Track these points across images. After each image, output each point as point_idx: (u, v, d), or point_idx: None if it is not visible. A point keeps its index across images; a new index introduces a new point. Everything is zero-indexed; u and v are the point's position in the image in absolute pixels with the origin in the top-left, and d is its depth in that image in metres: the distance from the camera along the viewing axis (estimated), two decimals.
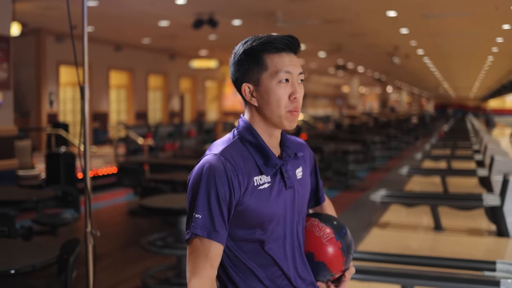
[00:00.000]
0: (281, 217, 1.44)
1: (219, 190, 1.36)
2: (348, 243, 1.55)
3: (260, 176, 1.42)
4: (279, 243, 1.44)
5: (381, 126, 21.57)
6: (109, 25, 13.29)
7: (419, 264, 3.88)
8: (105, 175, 9.84)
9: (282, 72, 1.41)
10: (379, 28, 13.81)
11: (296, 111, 1.44)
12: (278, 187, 1.44)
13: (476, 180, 9.52)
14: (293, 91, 1.43)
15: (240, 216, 1.40)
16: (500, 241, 5.85)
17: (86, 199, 2.44)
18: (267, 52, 1.42)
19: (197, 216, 1.36)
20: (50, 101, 14.44)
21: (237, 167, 1.39)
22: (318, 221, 1.56)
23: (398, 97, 47.26)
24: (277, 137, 1.50)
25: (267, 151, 1.44)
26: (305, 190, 1.55)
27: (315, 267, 1.53)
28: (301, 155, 1.57)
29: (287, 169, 1.47)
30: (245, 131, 1.46)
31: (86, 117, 2.55)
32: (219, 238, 1.36)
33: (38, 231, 5.29)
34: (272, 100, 1.42)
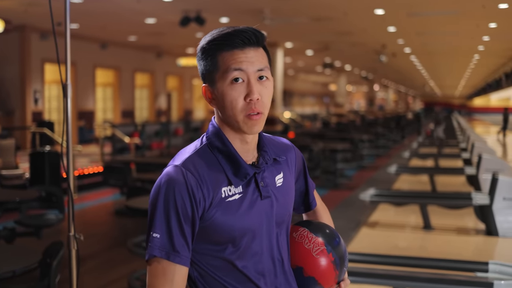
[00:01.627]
0: (256, 231, 1.29)
1: (179, 206, 1.21)
2: (341, 254, 1.40)
3: (229, 187, 1.27)
4: (255, 259, 1.29)
5: (368, 124, 21.60)
6: (94, 22, 13.13)
7: (411, 265, 3.83)
8: (90, 174, 9.70)
9: (232, 70, 1.24)
10: (367, 26, 13.80)
11: (256, 115, 1.26)
12: (252, 198, 1.29)
13: (463, 178, 9.53)
14: (248, 92, 1.25)
15: (208, 232, 1.25)
16: (489, 240, 5.84)
17: (69, 201, 2.34)
18: (220, 50, 1.26)
19: (155, 235, 1.22)
20: (35, 99, 14.25)
21: (201, 179, 1.24)
22: (308, 231, 1.40)
23: (384, 95, 47.43)
24: (251, 141, 1.33)
25: (237, 159, 1.29)
26: (287, 198, 1.38)
27: (304, 283, 1.38)
28: (283, 159, 1.40)
29: (263, 176, 1.32)
30: (214, 137, 1.31)
31: (69, 116, 2.45)
32: (180, 259, 1.22)
33: (21, 233, 5.18)
34: (227, 103, 1.26)
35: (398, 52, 19.74)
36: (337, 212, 7.55)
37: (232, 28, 1.27)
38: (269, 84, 1.29)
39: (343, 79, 29.63)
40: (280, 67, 17.99)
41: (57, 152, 7.85)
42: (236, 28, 1.27)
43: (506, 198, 5.91)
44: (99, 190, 9.24)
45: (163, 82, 21.00)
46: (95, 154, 12.47)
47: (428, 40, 16.54)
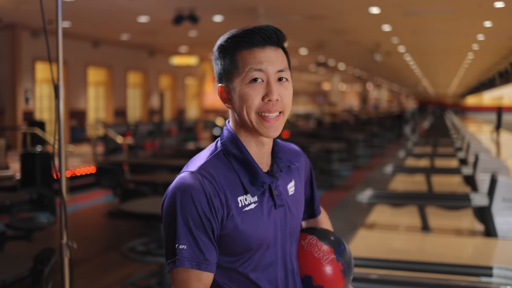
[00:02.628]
0: (271, 241, 1.26)
1: (200, 212, 1.16)
2: (348, 262, 1.39)
3: (245, 196, 1.22)
4: (269, 270, 1.26)
5: (362, 124, 21.56)
6: (86, 20, 12.98)
7: (413, 270, 3.74)
8: (83, 175, 9.56)
9: (252, 70, 1.21)
10: (362, 25, 13.73)
11: (272, 118, 1.22)
12: (267, 207, 1.25)
13: (460, 178, 9.48)
14: (267, 92, 1.21)
15: (225, 242, 1.21)
16: (489, 241, 5.76)
17: (62, 208, 2.23)
18: (239, 49, 1.23)
19: (182, 247, 1.16)
20: (26, 98, 14.07)
21: (218, 186, 1.19)
22: (317, 239, 1.37)
23: (378, 95, 47.45)
24: (268, 146, 1.29)
25: (254, 167, 1.24)
26: (299, 207, 1.36)
27: None
28: (295, 167, 1.37)
29: (277, 185, 1.28)
30: (229, 143, 1.26)
31: (61, 117, 2.33)
32: (210, 267, 1.18)
33: (11, 236, 5.05)
34: (243, 103, 1.22)
35: (392, 50, 19.69)
36: (334, 213, 7.46)
37: (252, 27, 1.24)
38: (289, 85, 1.25)
39: (336, 78, 29.58)
40: None
41: (48, 152, 7.71)
42: (257, 26, 1.24)
43: (506, 199, 5.84)
44: (92, 191, 9.10)
45: (156, 81, 20.85)
46: (87, 154, 12.32)
47: (423, 39, 16.49)
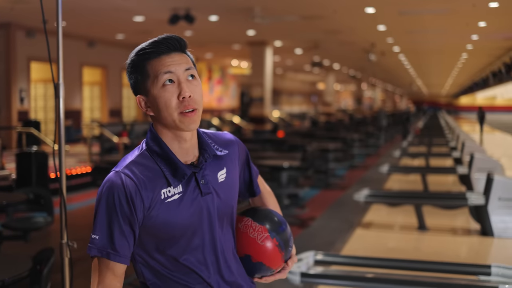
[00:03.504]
0: (197, 227, 1.38)
1: (118, 209, 1.31)
2: (285, 238, 1.49)
3: (168, 188, 1.35)
4: (197, 252, 1.39)
5: (357, 123, 21.59)
6: (81, 20, 12.93)
7: (411, 269, 3.76)
8: (79, 175, 9.53)
9: (162, 74, 1.34)
10: (357, 25, 13.75)
11: (189, 112, 1.34)
12: (192, 196, 1.37)
13: (455, 178, 9.52)
14: (180, 91, 1.34)
15: (151, 231, 1.34)
16: (485, 240, 5.79)
17: (61, 208, 2.22)
18: (148, 60, 1.37)
19: (94, 236, 1.32)
20: (21, 98, 14.01)
21: (139, 182, 1.32)
22: (252, 220, 1.49)
23: (372, 94, 47.53)
24: (190, 141, 1.41)
25: (174, 161, 1.37)
26: (231, 192, 1.47)
27: (254, 268, 1.49)
28: (224, 154, 1.47)
29: (204, 174, 1.40)
30: (152, 142, 1.40)
31: (61, 116, 2.33)
32: (119, 258, 1.32)
33: (8, 236, 5.03)
34: (161, 106, 1.35)
35: (387, 51, 19.73)
36: (330, 212, 7.47)
37: (157, 38, 1.38)
38: (198, 83, 1.38)
39: (331, 78, 29.60)
40: (269, 66, 17.90)
41: (44, 152, 7.68)
42: (160, 36, 1.38)
43: (502, 198, 5.87)
44: (88, 191, 9.07)
45: None
46: (83, 154, 12.28)
47: (417, 39, 16.54)
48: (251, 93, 18.15)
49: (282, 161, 7.20)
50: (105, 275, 1.33)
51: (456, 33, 15.13)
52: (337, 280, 3.41)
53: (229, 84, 28.61)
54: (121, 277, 1.35)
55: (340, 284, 3.50)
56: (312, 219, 6.96)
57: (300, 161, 7.35)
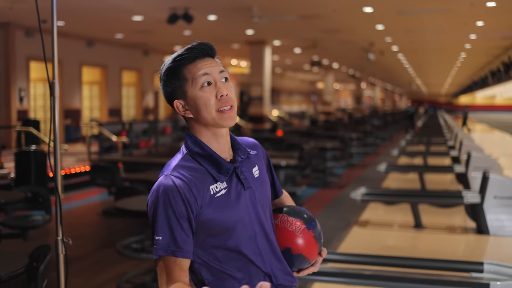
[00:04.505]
0: (246, 218, 1.47)
1: (175, 208, 1.39)
2: (319, 231, 1.60)
3: (216, 184, 1.45)
4: (251, 242, 1.48)
5: (356, 122, 21.62)
6: (80, 19, 12.96)
7: (405, 266, 3.79)
8: (77, 174, 9.56)
9: (200, 76, 1.46)
10: (355, 24, 13.78)
11: (227, 110, 1.46)
12: (236, 190, 1.48)
13: (452, 176, 9.55)
14: (218, 91, 1.46)
15: (205, 226, 1.43)
16: (480, 238, 5.82)
17: (57, 205, 2.26)
18: (184, 65, 1.47)
19: (158, 238, 1.39)
20: (20, 97, 14.04)
21: (189, 182, 1.42)
22: (287, 216, 1.59)
23: (371, 93, 47.55)
24: (226, 140, 1.53)
25: (216, 158, 1.48)
26: (265, 187, 1.58)
27: (294, 260, 1.57)
28: (254, 154, 1.59)
29: (242, 170, 1.51)
30: (192, 145, 1.50)
31: (56, 115, 2.36)
32: (183, 253, 1.39)
33: (7, 234, 5.06)
34: (201, 105, 1.46)
35: (386, 50, 19.76)
36: (327, 211, 7.51)
37: (190, 45, 1.49)
38: (231, 85, 1.52)
39: (330, 77, 29.63)
40: (268, 65, 17.92)
41: (43, 151, 7.72)
42: (194, 43, 1.50)
43: (497, 197, 5.90)
44: (86, 189, 9.11)
45: (151, 80, 20.83)
46: (81, 153, 12.32)
47: (416, 38, 16.57)
48: (250, 92, 18.18)
49: (280, 160, 7.23)
50: (173, 272, 1.39)
51: (454, 33, 15.16)
52: (331, 277, 3.45)
53: None
54: (187, 272, 1.42)
55: (335, 281, 3.53)
56: None
57: (297, 159, 7.39)
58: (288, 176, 7.49)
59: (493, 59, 23.18)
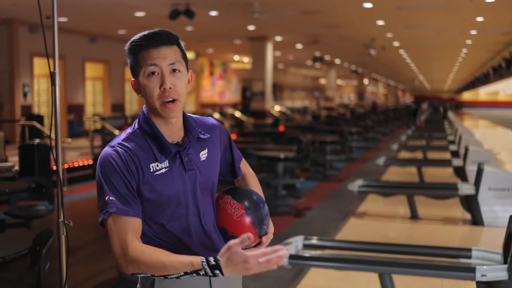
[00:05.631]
0: (182, 198, 1.55)
1: (118, 172, 1.48)
2: (260, 217, 1.63)
3: (156, 162, 1.53)
4: (181, 220, 1.56)
5: (357, 118, 21.71)
6: (83, 15, 13.09)
7: (396, 252, 3.90)
8: (80, 167, 9.70)
9: (147, 66, 1.53)
10: (356, 20, 13.86)
11: (169, 103, 1.52)
12: (178, 171, 1.55)
13: (451, 170, 9.64)
14: (162, 82, 1.52)
15: (142, 198, 1.51)
16: (474, 229, 5.93)
17: (58, 187, 2.38)
18: (139, 51, 1.55)
19: (111, 198, 1.46)
20: (24, 93, 14.18)
21: (132, 154, 1.51)
22: (231, 198, 1.65)
23: (374, 89, 47.58)
24: (175, 123, 1.58)
25: (161, 139, 1.55)
26: (210, 170, 1.64)
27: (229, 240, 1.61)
28: (207, 137, 1.65)
29: (187, 153, 1.58)
30: (143, 122, 1.58)
31: (57, 102, 2.49)
32: (136, 213, 1.48)
33: (11, 224, 5.19)
34: (147, 93, 1.54)
35: (387, 45, 19.82)
36: (326, 203, 7.62)
37: (148, 32, 1.57)
38: (181, 75, 1.56)
39: (333, 73, 29.69)
40: (270, 61, 18.02)
41: (46, 144, 7.85)
42: (152, 31, 1.57)
43: (491, 188, 6.00)
44: (89, 182, 9.24)
45: None
46: (85, 147, 12.46)
47: (417, 34, 16.63)
48: (252, 87, 18.29)
49: (279, 153, 7.35)
50: (126, 233, 1.45)
51: (454, 28, 15.22)
52: (324, 262, 3.57)
53: (231, 79, 28.75)
54: (139, 233, 1.49)
55: (327, 266, 3.65)
56: (308, 209, 7.11)
57: (296, 152, 7.50)
58: (287, 168, 7.61)
59: (495, 54, 23.21)
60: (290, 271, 4.33)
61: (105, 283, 4.41)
